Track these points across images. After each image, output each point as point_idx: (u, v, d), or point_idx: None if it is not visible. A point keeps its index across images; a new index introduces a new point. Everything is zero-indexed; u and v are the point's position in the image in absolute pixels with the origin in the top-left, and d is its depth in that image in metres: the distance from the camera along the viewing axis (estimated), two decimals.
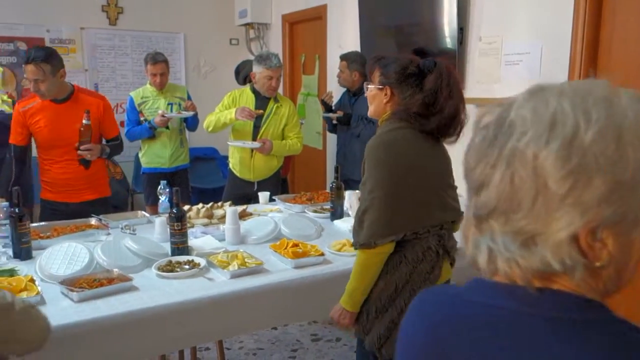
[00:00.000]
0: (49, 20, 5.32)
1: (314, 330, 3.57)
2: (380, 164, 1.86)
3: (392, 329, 1.90)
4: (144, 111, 4.25)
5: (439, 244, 1.93)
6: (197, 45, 6.07)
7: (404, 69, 1.92)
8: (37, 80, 2.89)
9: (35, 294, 1.93)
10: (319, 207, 3.26)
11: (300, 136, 3.90)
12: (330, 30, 5.12)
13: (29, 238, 2.39)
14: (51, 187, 3.12)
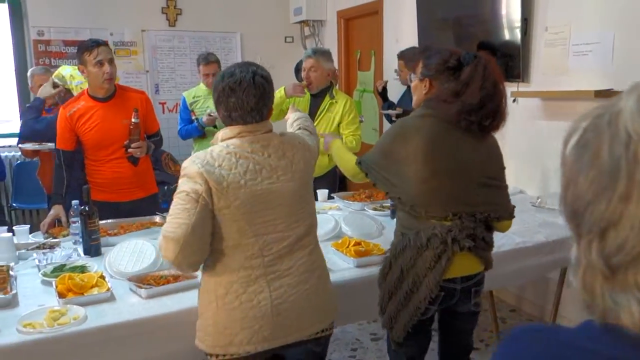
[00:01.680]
0: (112, 24, 5.49)
1: (374, 330, 3.53)
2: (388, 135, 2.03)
3: (400, 310, 1.97)
4: (195, 110, 4.32)
5: (448, 233, 1.89)
6: (253, 44, 6.12)
7: (445, 61, 1.93)
8: (111, 59, 2.94)
9: (105, 290, 1.98)
10: (378, 204, 3.22)
11: (357, 134, 3.67)
12: (387, 25, 5.05)
13: (99, 235, 2.46)
14: (102, 188, 3.05)
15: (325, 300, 1.86)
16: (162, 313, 1.89)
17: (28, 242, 2.59)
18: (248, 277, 1.71)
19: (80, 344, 1.76)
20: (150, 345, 1.88)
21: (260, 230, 1.71)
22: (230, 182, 1.66)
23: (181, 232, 1.60)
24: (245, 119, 1.74)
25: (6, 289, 2.00)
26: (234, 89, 1.71)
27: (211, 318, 1.74)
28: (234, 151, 1.71)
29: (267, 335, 1.72)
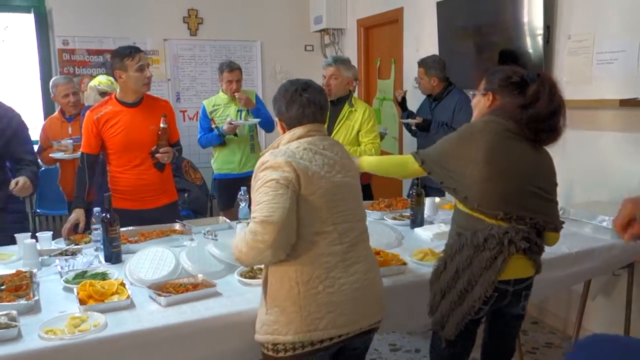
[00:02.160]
0: (135, 33, 5.56)
1: (393, 340, 3.50)
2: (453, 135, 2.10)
3: (453, 309, 2.03)
4: (215, 119, 4.35)
5: (505, 235, 1.95)
6: (273, 52, 6.16)
7: (508, 77, 2.07)
8: (148, 65, 3.04)
9: (125, 298, 1.99)
10: (398, 214, 3.20)
11: (375, 142, 3.67)
12: (407, 33, 5.05)
13: (119, 242, 2.49)
14: (125, 195, 3.08)
15: (382, 292, 1.96)
16: (181, 321, 1.89)
17: (51, 249, 2.62)
18: (328, 263, 1.79)
19: (100, 351, 1.77)
20: (169, 352, 1.88)
21: (338, 220, 1.82)
22: (313, 172, 1.80)
23: (279, 215, 1.67)
24: (316, 116, 1.91)
25: (29, 295, 2.02)
26: (306, 89, 1.90)
27: (293, 305, 1.76)
28: (309, 147, 1.85)
29: (348, 320, 1.80)
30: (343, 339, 1.83)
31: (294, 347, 1.78)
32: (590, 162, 3.34)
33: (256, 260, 1.78)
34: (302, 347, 1.78)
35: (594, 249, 2.70)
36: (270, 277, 1.83)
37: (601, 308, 3.30)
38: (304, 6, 6.15)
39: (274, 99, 1.99)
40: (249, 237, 1.71)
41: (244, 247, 1.74)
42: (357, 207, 1.93)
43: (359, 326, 1.84)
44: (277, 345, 1.80)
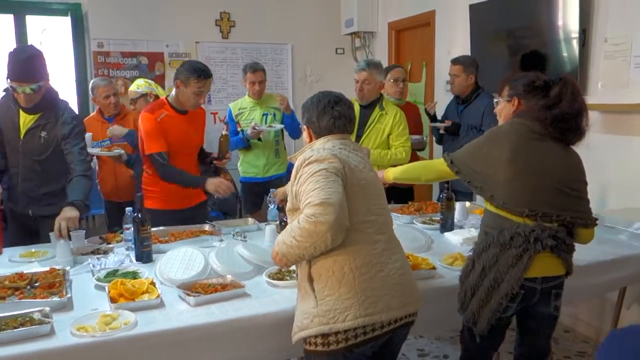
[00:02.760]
0: (167, 36, 5.64)
1: (421, 345, 3.46)
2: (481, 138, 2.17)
3: (482, 307, 2.07)
4: (241, 122, 4.35)
5: (531, 233, 1.98)
6: (304, 55, 6.17)
7: (532, 82, 2.13)
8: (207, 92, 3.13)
9: (155, 297, 2.01)
10: (427, 218, 3.17)
11: (406, 145, 3.63)
12: (439, 36, 5.00)
13: (150, 242, 2.52)
14: (161, 196, 3.13)
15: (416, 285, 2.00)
16: (210, 321, 1.90)
17: (84, 247, 2.67)
18: (376, 250, 1.85)
19: (130, 349, 1.80)
20: (197, 352, 1.89)
21: (377, 211, 1.91)
22: (354, 165, 1.90)
23: (337, 197, 1.73)
24: (346, 127, 2.01)
25: (62, 293, 2.07)
26: (337, 102, 2.00)
27: (349, 292, 1.78)
28: (342, 147, 1.94)
29: (400, 302, 1.84)
30: (392, 328, 1.84)
31: (346, 338, 1.77)
32: (626, 168, 3.26)
33: (309, 250, 1.75)
34: (355, 337, 1.78)
35: (629, 257, 2.64)
36: (317, 270, 1.83)
37: (636, 317, 3.21)
38: (335, 9, 6.15)
39: (305, 107, 2.04)
40: (304, 224, 1.71)
41: (297, 237, 1.74)
42: (385, 203, 2.02)
43: (408, 310, 1.87)
44: (329, 337, 1.78)
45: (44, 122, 2.90)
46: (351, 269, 1.79)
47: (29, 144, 2.90)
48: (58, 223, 2.56)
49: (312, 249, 1.74)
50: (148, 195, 3.11)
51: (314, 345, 1.82)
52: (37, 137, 2.89)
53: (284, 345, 1.99)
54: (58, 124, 2.90)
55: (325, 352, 1.80)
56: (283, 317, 1.97)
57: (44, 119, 2.90)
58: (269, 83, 5.91)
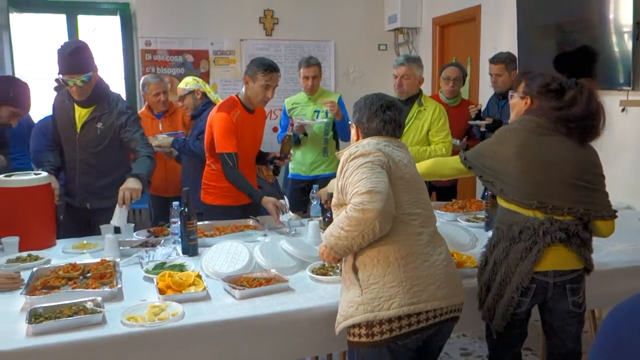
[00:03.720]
0: (212, 34, 5.73)
1: (464, 344, 3.42)
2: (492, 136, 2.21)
3: (497, 302, 2.07)
4: (293, 117, 4.33)
5: (540, 226, 1.99)
6: (347, 52, 6.16)
7: (547, 84, 2.12)
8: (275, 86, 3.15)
9: (202, 289, 2.05)
10: (472, 215, 3.13)
11: (447, 141, 3.57)
12: (484, 31, 4.92)
13: (196, 236, 2.57)
14: (222, 192, 3.18)
15: (460, 279, 2.00)
16: (255, 315, 1.93)
17: (132, 240, 2.74)
18: (421, 240, 1.87)
19: (177, 339, 1.84)
20: (242, 344, 1.93)
21: (422, 206, 1.94)
22: (399, 160, 1.94)
23: (384, 186, 1.77)
24: (395, 131, 2.05)
25: (112, 283, 2.13)
26: (390, 107, 2.05)
27: (394, 280, 1.79)
28: (387, 144, 1.98)
29: (445, 293, 1.84)
30: (437, 321, 1.83)
31: (391, 329, 1.78)
32: None
33: (358, 239, 1.77)
34: (400, 328, 1.78)
35: None
36: (362, 260, 1.84)
37: None
38: (379, 5, 6.12)
39: (357, 107, 2.08)
40: (352, 212, 1.75)
41: (345, 227, 1.77)
42: (429, 201, 2.04)
43: (453, 302, 1.87)
44: (374, 328, 1.79)
45: (99, 113, 3.00)
46: (396, 258, 1.81)
47: (86, 136, 3.00)
48: (122, 192, 2.67)
49: (360, 238, 1.76)
50: (209, 191, 3.20)
51: (357, 337, 1.82)
52: (94, 129, 2.99)
53: (326, 340, 2.01)
54: (113, 115, 3.00)
55: (369, 343, 1.80)
56: (326, 312, 1.98)
57: (98, 111, 3.00)
58: None
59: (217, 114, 3.12)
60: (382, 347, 1.80)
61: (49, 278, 2.17)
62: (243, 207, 3.15)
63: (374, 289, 1.80)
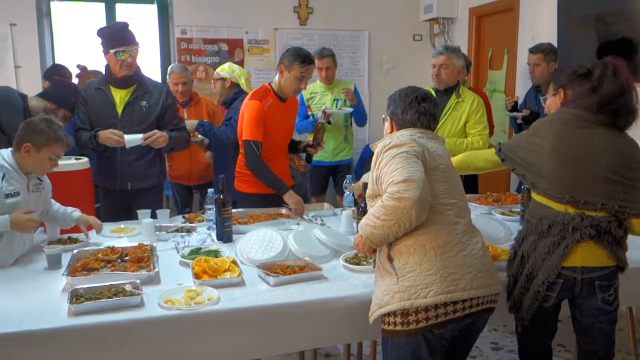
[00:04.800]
0: (247, 23, 5.75)
1: (495, 339, 3.40)
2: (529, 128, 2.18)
3: (523, 294, 2.06)
4: (312, 106, 4.43)
5: (570, 221, 1.97)
6: (381, 42, 6.11)
7: (574, 71, 2.11)
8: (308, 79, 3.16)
9: (237, 275, 2.08)
10: (507, 209, 3.09)
11: (484, 133, 3.53)
12: (523, 22, 4.82)
13: (231, 222, 2.60)
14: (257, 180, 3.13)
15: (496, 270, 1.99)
16: (289, 302, 1.95)
17: (168, 225, 2.79)
18: (457, 230, 1.87)
19: (213, 323, 1.87)
20: (275, 330, 1.95)
21: (457, 197, 1.94)
22: (433, 150, 1.94)
23: (420, 175, 1.78)
24: (430, 123, 2.05)
25: (150, 267, 2.18)
26: (425, 99, 2.04)
27: (431, 268, 1.79)
28: (421, 136, 1.98)
29: (482, 282, 1.84)
30: (473, 311, 1.83)
31: (427, 318, 1.78)
32: None
33: (394, 228, 1.78)
34: (436, 316, 1.78)
35: None
36: (398, 249, 1.84)
37: None
38: None
39: (392, 99, 2.08)
40: (388, 201, 1.75)
41: (381, 216, 1.78)
42: (464, 192, 2.03)
43: (490, 291, 1.86)
44: (409, 316, 1.79)
45: (142, 92, 3.11)
46: (432, 246, 1.81)
47: (130, 115, 3.10)
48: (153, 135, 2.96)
49: (396, 227, 1.77)
50: (242, 179, 3.22)
51: (392, 325, 1.82)
52: (138, 107, 3.10)
53: (359, 328, 2.02)
54: (154, 93, 3.13)
55: (404, 332, 1.80)
56: (360, 300, 1.99)
57: (140, 90, 3.11)
58: (345, 70, 5.91)
59: (250, 101, 3.13)
60: (417, 336, 1.79)
61: (88, 260, 2.23)
62: (276, 196, 3.17)
63: (410, 277, 1.79)
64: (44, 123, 2.38)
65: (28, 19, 5.12)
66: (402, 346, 1.83)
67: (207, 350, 1.90)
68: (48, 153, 2.37)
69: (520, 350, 2.29)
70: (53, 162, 2.43)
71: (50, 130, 2.36)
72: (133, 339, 1.82)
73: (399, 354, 1.85)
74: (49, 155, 2.38)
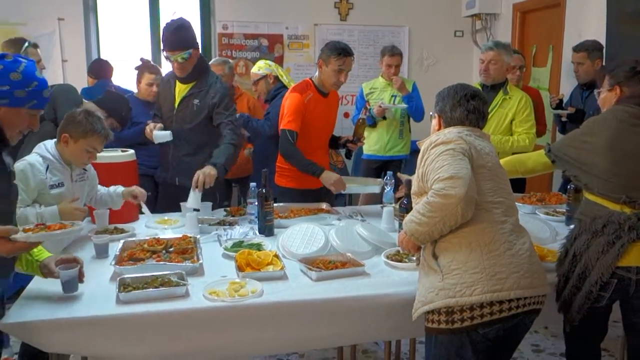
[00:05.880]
0: (287, 19, 5.76)
1: (536, 340, 3.34)
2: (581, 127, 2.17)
3: (574, 294, 2.02)
4: (370, 101, 4.52)
5: (626, 221, 1.94)
6: (421, 38, 6.05)
7: (633, 67, 2.08)
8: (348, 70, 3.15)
9: (279, 269, 2.10)
10: (551, 209, 3.03)
11: (530, 132, 3.48)
12: (569, 18, 4.70)
13: (273, 216, 2.62)
14: (298, 175, 3.14)
15: (544, 270, 1.94)
16: (331, 297, 1.96)
17: (210, 218, 2.83)
18: (504, 229, 1.83)
19: (256, 316, 1.90)
20: (317, 324, 1.97)
21: (504, 195, 1.90)
22: (480, 148, 1.90)
23: (466, 172, 1.76)
24: (478, 121, 2.01)
25: (194, 258, 2.21)
26: (474, 96, 2.00)
27: (477, 267, 1.77)
28: (469, 133, 1.95)
29: (529, 282, 1.80)
30: (519, 312, 1.79)
31: (472, 317, 1.76)
32: None
33: (439, 225, 1.77)
34: (481, 316, 1.76)
35: None
36: (443, 247, 1.83)
37: None
38: None
39: (440, 96, 2.06)
40: (435, 198, 1.74)
41: (426, 213, 1.77)
42: (512, 191, 1.98)
43: (537, 292, 1.83)
44: (454, 314, 1.77)
45: (197, 90, 3.14)
46: (479, 244, 1.79)
47: (182, 112, 3.16)
48: (197, 176, 2.81)
49: (441, 224, 1.76)
50: (283, 174, 3.24)
51: (436, 323, 1.81)
52: (190, 105, 3.14)
53: (401, 326, 2.02)
54: (210, 93, 3.12)
55: (448, 330, 1.78)
56: (402, 298, 1.98)
57: (197, 88, 3.15)
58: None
59: (290, 94, 3.17)
60: (461, 335, 1.77)
61: (135, 250, 2.28)
62: (316, 191, 3.17)
63: (455, 275, 1.78)
64: (83, 115, 2.43)
65: (75, 13, 5.25)
66: (445, 344, 1.81)
67: (249, 341, 1.93)
68: (85, 145, 2.42)
69: (568, 352, 2.25)
70: (91, 155, 2.47)
71: (88, 123, 2.40)
72: (178, 329, 1.85)
73: (442, 352, 1.83)
74: (86, 147, 2.43)
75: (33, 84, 1.79)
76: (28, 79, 1.78)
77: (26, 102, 1.79)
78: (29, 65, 1.80)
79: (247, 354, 2.45)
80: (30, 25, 5.14)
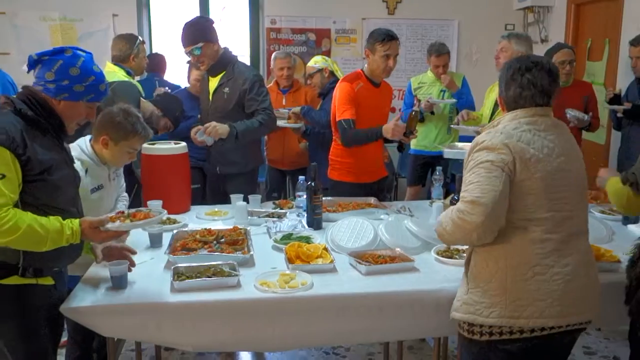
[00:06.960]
0: (335, 13, 5.76)
1: (588, 343, 3.24)
2: None
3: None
4: (419, 95, 4.46)
5: None
6: (470, 31, 5.95)
7: None
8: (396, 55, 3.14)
9: (329, 262, 2.11)
10: (607, 207, 2.93)
11: None
12: (628, 10, 4.53)
13: (321, 210, 2.63)
14: (350, 169, 3.17)
15: (596, 290, 1.82)
16: (381, 291, 1.96)
17: (259, 210, 2.86)
18: (542, 249, 1.71)
19: (306, 308, 1.92)
20: (366, 318, 1.96)
21: (555, 207, 1.72)
22: (532, 155, 1.70)
23: (490, 198, 1.64)
24: (536, 99, 1.77)
25: (244, 250, 2.25)
26: (530, 69, 1.76)
27: (498, 288, 1.71)
28: (528, 128, 1.75)
29: (558, 311, 1.70)
30: (545, 334, 1.71)
31: (490, 332, 1.73)
32: None
33: (460, 241, 1.80)
34: (500, 334, 1.72)
35: None
36: (475, 257, 1.80)
37: None
38: None
39: (500, 76, 1.88)
40: (455, 216, 1.70)
41: (449, 225, 1.73)
42: (577, 196, 1.80)
43: (566, 322, 1.72)
44: (474, 327, 1.76)
45: (226, 79, 3.23)
46: (506, 265, 1.72)
47: (216, 103, 3.25)
48: (211, 123, 3.00)
49: (462, 242, 1.78)
50: (335, 167, 3.25)
51: (461, 330, 1.83)
52: (222, 94, 3.22)
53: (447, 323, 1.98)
54: (239, 80, 3.18)
55: (469, 339, 1.79)
56: (451, 295, 1.93)
57: (225, 77, 3.23)
58: None
59: (340, 84, 3.19)
60: (482, 344, 1.76)
61: (187, 240, 2.33)
62: (367, 185, 3.17)
63: (477, 292, 1.75)
64: (122, 115, 2.34)
65: (129, 9, 5.40)
66: (471, 350, 1.81)
67: (297, 333, 1.96)
68: (126, 147, 2.36)
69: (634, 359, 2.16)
70: (132, 155, 2.44)
71: (128, 124, 2.33)
72: (228, 318, 1.89)
73: (470, 357, 1.83)
74: (127, 149, 2.38)
75: (90, 78, 1.84)
76: (86, 73, 1.83)
77: (84, 96, 1.84)
78: (87, 60, 1.86)
79: (295, 346, 2.47)
80: (85, 21, 5.32)
